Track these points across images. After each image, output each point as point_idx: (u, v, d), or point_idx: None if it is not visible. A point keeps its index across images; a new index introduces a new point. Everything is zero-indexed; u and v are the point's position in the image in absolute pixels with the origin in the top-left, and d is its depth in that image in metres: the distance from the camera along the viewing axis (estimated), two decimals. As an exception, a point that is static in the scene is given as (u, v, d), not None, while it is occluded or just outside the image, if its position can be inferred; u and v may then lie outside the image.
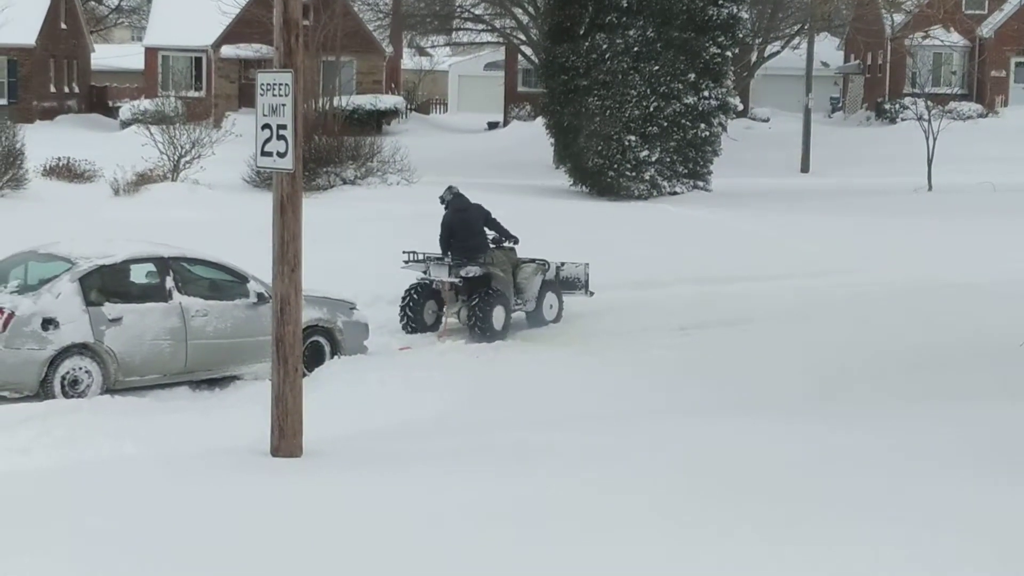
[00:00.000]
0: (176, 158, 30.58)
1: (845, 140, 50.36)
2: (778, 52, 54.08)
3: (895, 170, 41.23)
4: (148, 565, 6.87)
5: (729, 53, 36.47)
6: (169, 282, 13.69)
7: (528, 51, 51.78)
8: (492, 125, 58.21)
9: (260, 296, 13.91)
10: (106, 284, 13.40)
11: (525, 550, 7.14)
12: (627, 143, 34.79)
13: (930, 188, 37.49)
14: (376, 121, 50.28)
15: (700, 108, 35.61)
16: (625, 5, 34.63)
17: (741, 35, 38.49)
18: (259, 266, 14.24)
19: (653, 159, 35.15)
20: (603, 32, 34.73)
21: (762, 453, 9.23)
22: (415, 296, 16.84)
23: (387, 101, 52.81)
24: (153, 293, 13.66)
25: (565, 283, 18.08)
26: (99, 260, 13.43)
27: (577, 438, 9.97)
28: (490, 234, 17.17)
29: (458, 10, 54.38)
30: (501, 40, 56.74)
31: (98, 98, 60.03)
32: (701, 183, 36.28)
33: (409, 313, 16.79)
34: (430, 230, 17.38)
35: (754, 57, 52.98)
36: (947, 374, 13.56)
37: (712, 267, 21.09)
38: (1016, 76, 57.61)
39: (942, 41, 53.80)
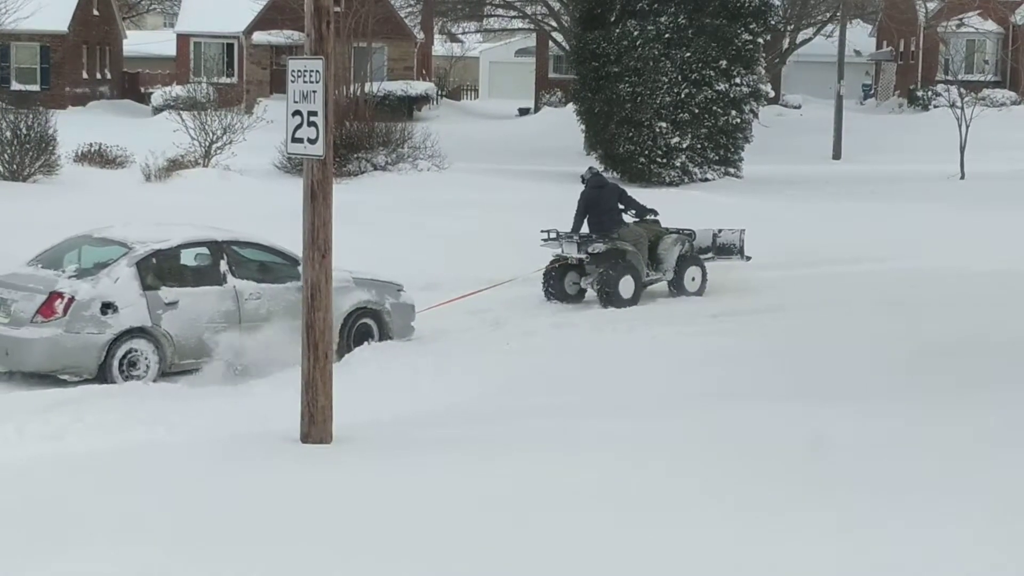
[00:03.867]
0: (207, 144, 30.67)
1: (877, 127, 50.04)
2: (810, 39, 53.79)
3: (927, 157, 40.95)
4: (178, 551, 6.92)
5: (761, 40, 36.33)
6: (223, 266, 13.82)
7: (559, 37, 51.68)
8: (523, 111, 58.13)
9: None
10: (162, 268, 13.52)
11: (557, 537, 7.15)
12: (658, 130, 34.72)
13: (963, 176, 37.24)
14: (407, 107, 50.30)
15: (731, 95, 35.48)
16: (656, -9, 34.53)
17: (773, 22, 38.42)
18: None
19: (684, 146, 35.06)
20: (634, 19, 34.64)
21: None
22: (555, 270, 17.90)
23: (418, 87, 52.80)
24: (208, 277, 13.78)
25: (721, 249, 19.18)
26: (155, 244, 13.55)
27: (613, 424, 9.96)
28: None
29: (489, -4, 54.36)
30: (532, 26, 56.63)
31: (130, 84, 60.25)
32: (732, 170, 36.16)
33: (550, 285, 17.93)
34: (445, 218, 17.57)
35: (786, 44, 52.73)
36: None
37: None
38: (1051, 63, 57.12)
39: (975, 29, 53.39)
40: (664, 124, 34.73)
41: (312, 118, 9.29)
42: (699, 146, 35.40)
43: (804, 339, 14.93)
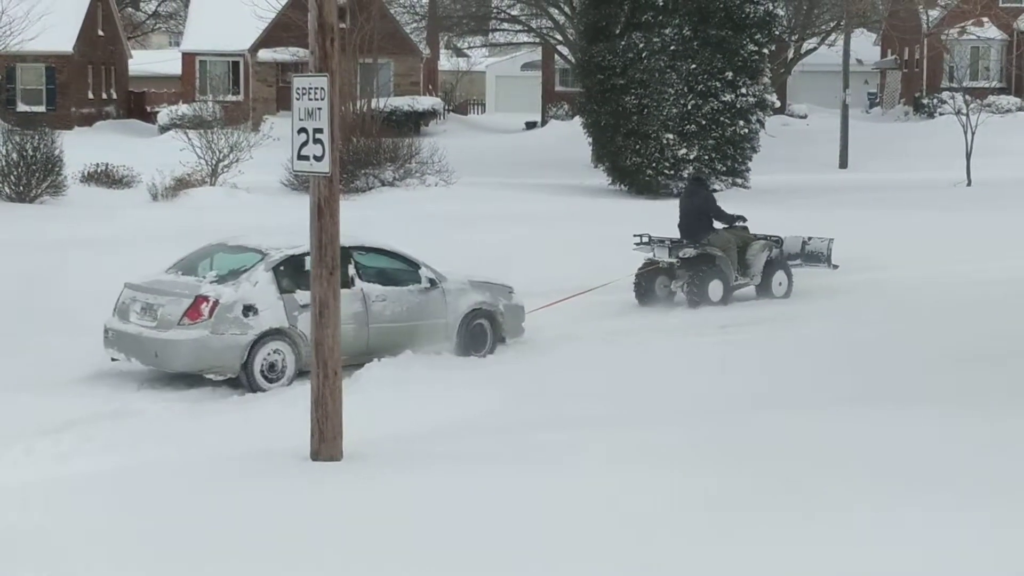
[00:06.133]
0: (214, 162, 30.74)
1: (883, 135, 50.01)
2: (814, 49, 53.79)
3: (934, 165, 40.92)
4: (185, 573, 6.89)
5: (766, 50, 36.40)
6: (351, 269, 14.37)
7: (565, 51, 51.73)
8: (530, 125, 58.18)
9: (431, 282, 14.98)
10: (296, 272, 13.99)
11: (575, 552, 7.11)
12: (665, 141, 34.75)
13: (969, 183, 37.18)
14: (414, 122, 50.35)
15: (738, 105, 35.52)
16: (661, 4, 34.58)
17: (777, 32, 38.39)
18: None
19: (691, 157, 35.08)
20: (639, 31, 34.69)
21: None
22: (645, 273, 18.73)
23: (425, 102, 52.86)
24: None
25: (809, 256, 19.96)
26: (288, 250, 14.12)
27: (624, 434, 9.91)
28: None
29: (494, 11, 54.43)
30: (538, 40, 56.71)
31: (136, 104, 60.41)
32: (740, 180, 36.18)
33: (641, 287, 18.71)
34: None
35: (790, 54, 52.72)
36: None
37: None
38: (1055, 69, 57.06)
39: (978, 36, 53.36)
40: (671, 136, 34.76)
41: (318, 135, 9.28)
42: (706, 157, 35.42)
43: (816, 347, 14.88)
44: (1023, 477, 8.39)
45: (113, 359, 14.13)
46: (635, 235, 18.91)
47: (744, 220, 19.30)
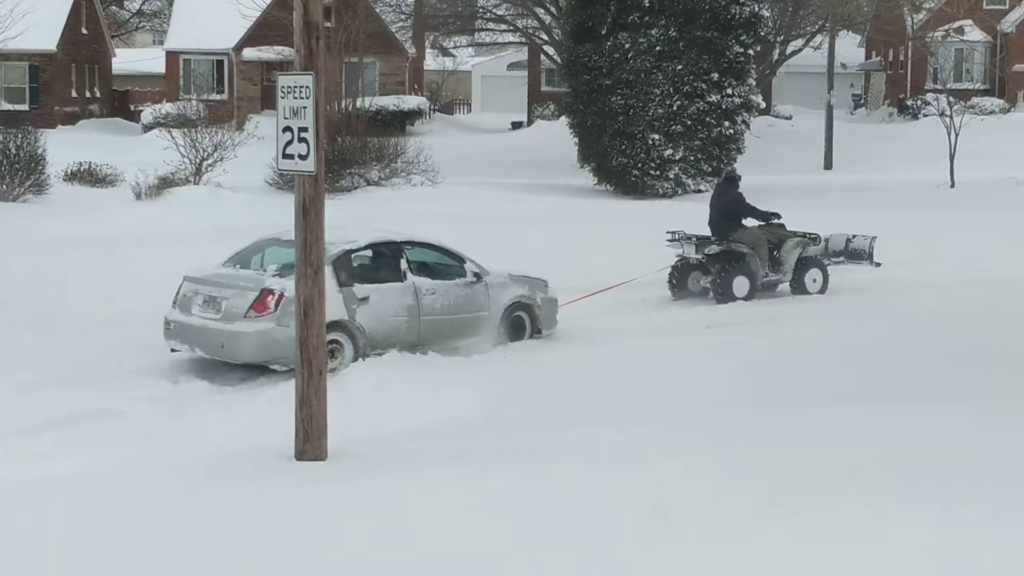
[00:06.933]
0: (198, 161, 30.63)
1: (867, 137, 50.14)
2: (799, 50, 53.92)
3: (918, 166, 41.05)
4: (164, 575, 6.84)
5: (751, 51, 36.45)
6: (403, 264, 15.02)
7: (551, 51, 51.75)
8: (516, 125, 58.16)
9: (476, 275, 15.54)
10: (352, 266, 14.73)
11: (557, 552, 7.07)
12: (651, 142, 34.77)
13: (953, 184, 37.28)
14: (400, 122, 50.28)
15: (723, 106, 35.57)
16: (647, 4, 34.60)
17: (763, 33, 38.45)
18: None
19: (677, 157, 35.12)
20: (626, 31, 34.71)
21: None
22: (678, 268, 19.22)
23: (411, 102, 52.80)
24: (391, 274, 14.95)
25: (852, 254, 20.27)
26: (345, 245, 14.64)
27: (607, 435, 9.88)
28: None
29: (480, 11, 54.39)
30: (524, 40, 56.70)
31: (120, 102, 60.22)
32: (725, 181, 36.15)
33: (674, 282, 19.21)
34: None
35: (776, 55, 52.83)
36: None
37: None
38: (1038, 71, 57.28)
39: (962, 39, 53.55)
40: (657, 136, 34.78)
41: (303, 134, 9.23)
42: (692, 157, 35.47)
43: (801, 348, 14.86)
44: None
45: (173, 350, 14.54)
46: (667, 231, 19.40)
47: (778, 217, 19.67)
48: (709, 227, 19.33)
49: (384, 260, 15.10)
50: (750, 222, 19.39)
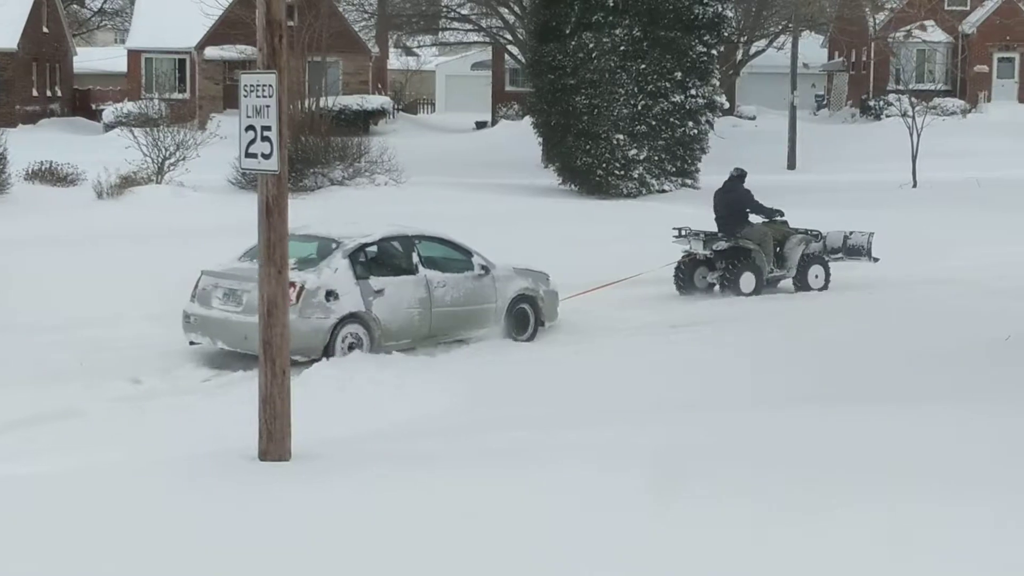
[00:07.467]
0: (160, 160, 30.47)
1: (831, 137, 50.40)
2: (763, 50, 54.15)
3: (881, 166, 41.28)
4: None
5: (715, 51, 36.56)
6: (415, 257, 15.50)
7: (515, 50, 51.71)
8: (480, 124, 58.12)
9: (484, 268, 16.05)
10: (368, 260, 15.18)
11: (526, 552, 7.05)
12: (615, 142, 34.79)
13: (915, 184, 37.53)
14: (363, 121, 50.14)
15: (687, 106, 35.67)
16: (611, 4, 34.63)
17: (727, 33, 38.55)
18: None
19: (641, 157, 35.17)
20: (590, 31, 34.71)
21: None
22: (685, 264, 19.57)
23: (374, 101, 52.67)
24: (404, 267, 15.46)
25: (851, 250, 20.65)
26: (360, 239, 15.18)
27: (583, 435, 9.87)
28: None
29: (444, 10, 54.30)
30: (488, 40, 56.64)
31: (81, 101, 59.80)
32: (689, 181, 36.31)
33: (680, 278, 19.56)
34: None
35: (739, 55, 53.02)
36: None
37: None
38: (999, 72, 57.74)
39: (923, 40, 53.89)
40: (621, 136, 34.82)
41: (266, 133, 9.16)
42: (656, 158, 35.53)
43: (766, 348, 14.92)
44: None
45: (193, 343, 14.84)
46: (674, 228, 19.71)
47: (782, 214, 20.00)
48: (716, 223, 19.69)
49: (397, 253, 15.52)
50: (754, 218, 19.78)
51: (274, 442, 9.28)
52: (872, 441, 9.36)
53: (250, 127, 9.25)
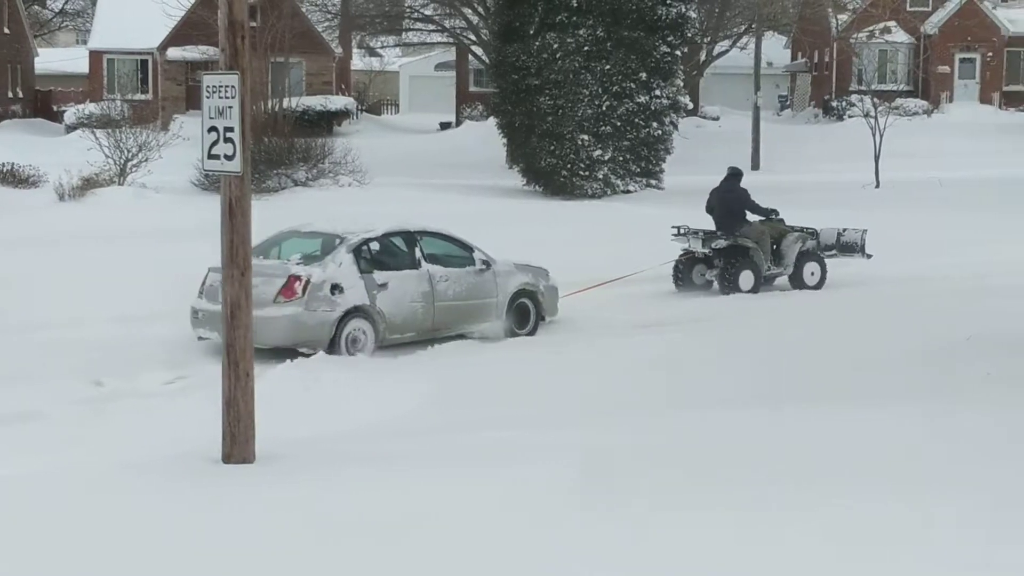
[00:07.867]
0: (123, 162, 30.30)
1: (794, 137, 50.61)
2: (726, 51, 54.32)
3: (844, 167, 41.50)
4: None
5: (679, 52, 36.65)
6: (417, 252, 15.80)
7: (479, 51, 51.66)
8: (444, 125, 58.03)
9: (485, 263, 16.31)
10: (372, 254, 15.46)
11: (487, 552, 7.04)
12: (580, 142, 34.82)
13: (878, 184, 37.75)
14: (327, 122, 49.95)
15: (652, 107, 35.74)
16: (575, 4, 34.67)
17: (690, 34, 38.68)
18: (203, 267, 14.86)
19: (606, 158, 35.21)
20: (553, 31, 34.74)
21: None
22: (683, 262, 19.86)
23: (337, 102, 52.48)
24: (407, 262, 15.75)
25: (844, 247, 20.94)
26: (364, 234, 15.49)
27: (549, 435, 9.86)
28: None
29: (407, 10, 54.15)
30: (451, 40, 56.54)
31: (42, 103, 59.34)
32: (654, 181, 36.40)
33: (679, 275, 19.87)
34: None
35: (703, 56, 53.17)
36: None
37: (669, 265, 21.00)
38: (960, 72, 58.12)
39: (886, 40, 54.22)
40: (586, 137, 34.86)
41: (229, 134, 9.11)
42: (621, 158, 35.59)
43: (730, 348, 14.93)
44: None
45: (201, 338, 15.02)
46: (672, 226, 19.94)
47: (777, 213, 20.30)
48: (714, 222, 19.90)
49: (400, 249, 15.81)
50: (751, 217, 19.99)
51: (237, 445, 9.23)
52: (832, 441, 9.39)
53: (213, 128, 9.21)
